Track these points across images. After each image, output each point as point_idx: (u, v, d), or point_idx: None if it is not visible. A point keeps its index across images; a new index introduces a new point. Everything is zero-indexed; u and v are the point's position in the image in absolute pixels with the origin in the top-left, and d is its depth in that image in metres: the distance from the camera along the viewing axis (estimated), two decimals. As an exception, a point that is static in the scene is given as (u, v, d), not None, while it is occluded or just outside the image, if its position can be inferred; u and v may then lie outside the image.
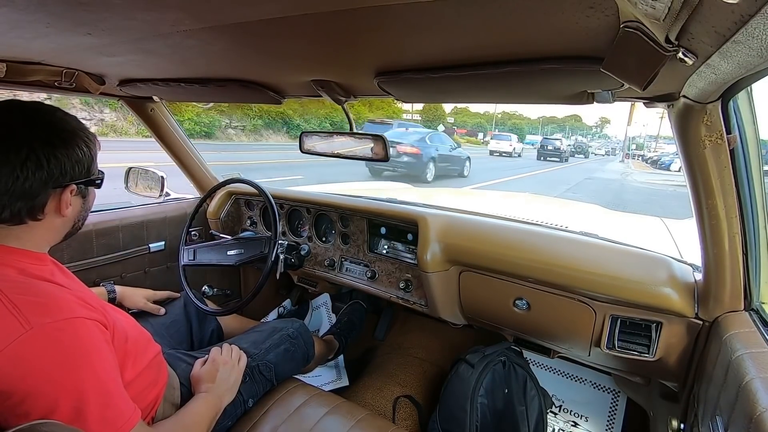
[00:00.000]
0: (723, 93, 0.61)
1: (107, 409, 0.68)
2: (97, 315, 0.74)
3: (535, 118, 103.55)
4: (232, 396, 1.05)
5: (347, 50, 0.73)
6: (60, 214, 0.76)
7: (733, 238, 0.81)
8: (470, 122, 79.65)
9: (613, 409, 1.58)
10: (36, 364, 0.63)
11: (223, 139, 16.75)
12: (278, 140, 19.37)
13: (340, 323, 1.84)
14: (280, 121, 19.94)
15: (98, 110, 12.52)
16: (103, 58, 0.91)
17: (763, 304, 0.88)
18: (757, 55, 0.39)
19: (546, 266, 1.13)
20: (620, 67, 0.54)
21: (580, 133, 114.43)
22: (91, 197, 0.84)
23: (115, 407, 0.70)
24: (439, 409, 1.39)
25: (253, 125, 18.69)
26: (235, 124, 17.86)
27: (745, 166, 0.76)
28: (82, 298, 0.75)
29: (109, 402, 0.69)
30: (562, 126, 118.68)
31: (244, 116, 18.31)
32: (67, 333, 0.67)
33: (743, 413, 0.62)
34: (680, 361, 1.03)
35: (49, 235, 0.79)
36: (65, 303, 0.70)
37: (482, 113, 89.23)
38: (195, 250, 1.56)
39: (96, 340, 0.71)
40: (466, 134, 67.50)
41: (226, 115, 17.20)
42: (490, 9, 0.49)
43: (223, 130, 17.12)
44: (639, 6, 0.37)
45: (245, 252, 1.52)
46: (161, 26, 0.63)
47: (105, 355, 0.72)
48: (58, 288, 0.74)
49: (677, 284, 0.98)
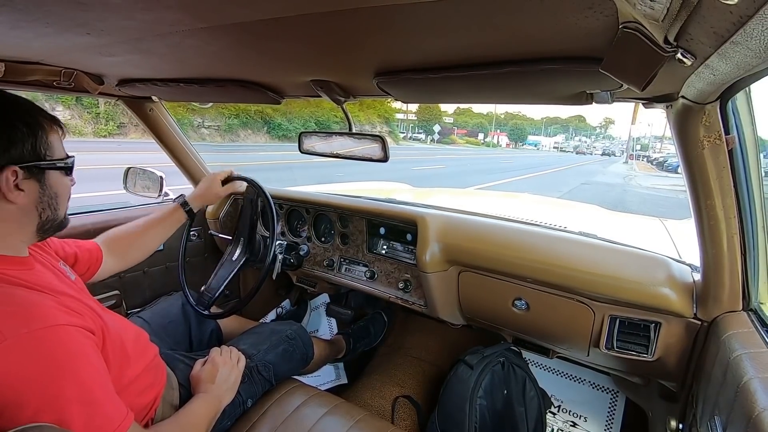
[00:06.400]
0: (722, 94, 0.61)
1: (94, 417, 0.66)
2: (81, 321, 0.72)
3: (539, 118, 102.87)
4: (232, 397, 1.05)
5: (346, 50, 0.73)
6: (6, 199, 0.70)
7: (732, 239, 0.81)
8: (471, 122, 79.49)
9: (612, 409, 1.58)
10: (14, 376, 0.60)
11: (196, 139, 16.04)
12: (257, 141, 18.47)
13: (355, 326, 1.83)
14: (260, 120, 19.10)
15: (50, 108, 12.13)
16: (102, 58, 0.91)
17: (761, 305, 0.88)
18: (755, 55, 0.39)
19: (545, 266, 1.13)
20: (619, 68, 0.54)
21: (584, 134, 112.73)
22: (55, 182, 0.77)
23: (103, 414, 0.68)
24: (438, 409, 1.39)
25: (228, 125, 17.78)
26: (209, 124, 17.09)
27: (744, 167, 0.76)
28: (65, 303, 0.72)
29: (96, 409, 0.67)
30: (566, 126, 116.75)
31: (219, 115, 17.35)
32: (46, 342, 0.64)
33: (742, 413, 0.62)
34: (679, 361, 1.03)
35: (11, 229, 0.73)
36: (44, 311, 0.67)
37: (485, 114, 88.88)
38: (207, 291, 1.39)
39: (80, 347, 0.68)
40: (466, 135, 67.40)
41: (198, 114, 16.37)
42: (490, 9, 0.49)
43: (195, 129, 16.39)
44: (638, 6, 0.37)
45: (247, 248, 1.48)
46: (160, 26, 0.63)
47: (90, 360, 0.69)
48: (37, 294, 0.71)
49: (676, 284, 0.98)
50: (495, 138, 76.74)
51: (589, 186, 14.09)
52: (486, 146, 60.58)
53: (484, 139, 69.00)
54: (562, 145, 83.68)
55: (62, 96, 8.86)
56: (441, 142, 52.78)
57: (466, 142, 59.40)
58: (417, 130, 56.00)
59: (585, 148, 72.26)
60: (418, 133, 55.08)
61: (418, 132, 55.57)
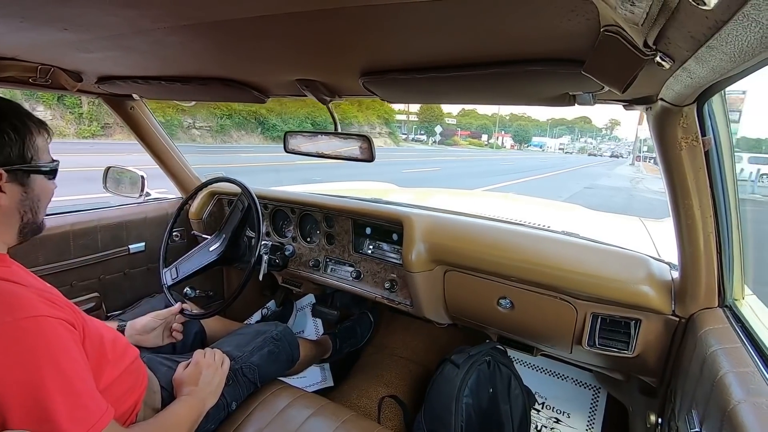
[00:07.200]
0: (698, 96, 0.62)
1: (76, 409, 0.66)
2: (64, 314, 0.72)
3: (544, 120, 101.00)
4: (215, 399, 1.04)
5: (332, 50, 0.73)
6: None
7: (708, 237, 0.83)
8: (475, 124, 79.01)
9: (594, 405, 1.61)
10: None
11: (186, 140, 15.70)
12: (251, 142, 18.10)
13: (342, 326, 1.83)
14: (254, 121, 18.78)
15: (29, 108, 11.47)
16: (81, 55, 0.88)
17: (735, 301, 0.90)
18: (729, 60, 0.40)
19: (529, 265, 1.15)
20: (600, 70, 0.55)
21: (589, 135, 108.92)
22: (38, 186, 0.78)
23: (84, 407, 0.67)
24: (424, 409, 1.40)
25: (220, 125, 17.45)
26: (200, 124, 16.70)
27: (719, 168, 0.78)
28: (48, 297, 0.73)
29: (77, 401, 0.67)
30: (571, 128, 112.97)
31: (210, 115, 17.03)
32: (29, 331, 0.65)
33: (717, 406, 0.63)
34: (658, 357, 1.06)
35: None
36: (27, 301, 0.68)
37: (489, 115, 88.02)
38: (176, 267, 1.49)
39: (62, 339, 0.69)
40: (469, 136, 67.21)
41: (188, 114, 16.05)
42: (474, 11, 0.49)
43: (185, 130, 16.00)
44: (618, 10, 0.37)
45: (227, 244, 1.48)
46: (141, 23, 0.62)
47: (72, 354, 0.70)
48: (19, 287, 0.71)
49: (655, 282, 1.00)
50: (499, 139, 75.42)
51: (593, 191, 12.73)
52: (490, 147, 59.75)
53: (488, 140, 68.48)
54: (568, 147, 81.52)
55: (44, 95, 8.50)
56: (443, 144, 51.75)
57: (469, 144, 58.95)
58: (419, 131, 54.98)
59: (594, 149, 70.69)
60: (420, 134, 54.06)
61: (419, 133, 54.51)
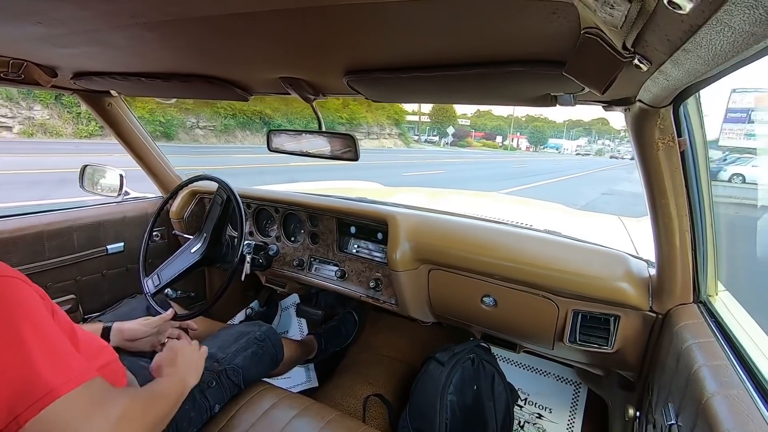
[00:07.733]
0: (674, 98, 0.64)
1: (55, 361, 0.62)
2: (36, 288, 0.69)
3: (560, 121, 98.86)
4: (197, 379, 0.98)
5: (316, 48, 0.72)
6: None
7: (684, 236, 0.86)
8: (490, 125, 77.94)
9: (575, 400, 1.64)
10: None
11: (188, 141, 15.58)
12: (255, 142, 17.93)
13: (326, 326, 1.82)
14: (258, 121, 18.71)
15: (26, 107, 10.88)
16: (55, 50, 0.85)
17: (709, 297, 0.94)
18: (704, 63, 0.42)
19: (512, 264, 1.16)
20: (581, 72, 0.56)
21: (607, 137, 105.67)
22: None
23: (65, 363, 0.64)
24: (409, 407, 1.40)
25: (224, 125, 17.38)
26: (204, 124, 16.61)
27: (694, 168, 0.81)
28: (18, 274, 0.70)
29: (56, 354, 0.63)
30: (588, 129, 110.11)
31: (215, 115, 16.99)
32: (3, 288, 0.62)
33: (692, 399, 0.66)
34: (636, 352, 1.09)
35: None
36: (1, 264, 0.65)
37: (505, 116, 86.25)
38: (158, 274, 1.45)
39: (35, 302, 0.66)
40: (483, 137, 66.68)
41: (192, 113, 15.95)
42: (458, 12, 0.49)
43: (188, 130, 15.89)
44: (598, 13, 0.38)
45: (209, 243, 1.45)
46: (119, 18, 0.60)
47: (46, 315, 0.66)
48: None
49: (633, 279, 1.03)
50: (514, 141, 73.82)
51: (612, 197, 11.50)
52: (504, 149, 58.04)
53: (503, 142, 67.54)
54: (585, 149, 79.37)
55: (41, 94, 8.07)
56: (457, 145, 50.62)
57: (483, 145, 58.18)
58: (432, 132, 53.80)
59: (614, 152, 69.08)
60: (433, 135, 52.85)
61: (432, 134, 53.30)
